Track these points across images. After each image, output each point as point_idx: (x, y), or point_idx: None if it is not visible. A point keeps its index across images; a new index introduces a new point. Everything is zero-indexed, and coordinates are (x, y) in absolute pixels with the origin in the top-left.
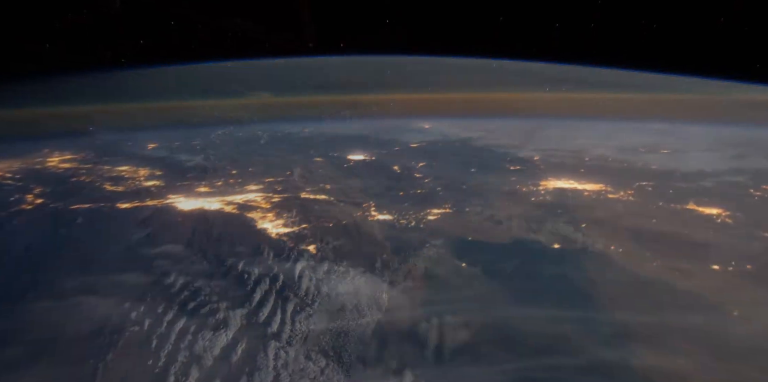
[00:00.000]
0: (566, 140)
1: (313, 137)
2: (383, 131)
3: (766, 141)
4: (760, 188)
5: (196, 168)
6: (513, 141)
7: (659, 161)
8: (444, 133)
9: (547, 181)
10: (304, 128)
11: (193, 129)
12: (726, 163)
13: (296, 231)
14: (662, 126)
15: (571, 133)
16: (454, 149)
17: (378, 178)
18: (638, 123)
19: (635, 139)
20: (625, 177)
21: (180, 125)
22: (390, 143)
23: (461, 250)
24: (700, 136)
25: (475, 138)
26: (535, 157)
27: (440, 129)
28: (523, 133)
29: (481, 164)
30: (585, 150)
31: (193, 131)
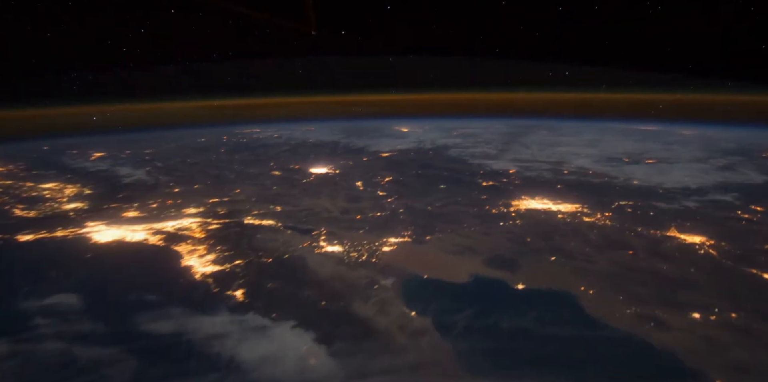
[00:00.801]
0: (547, 148)
1: (280, 144)
2: (358, 136)
3: (757, 146)
4: (748, 209)
5: (134, 185)
6: (491, 149)
7: (642, 174)
8: (420, 139)
9: (520, 201)
10: (276, 133)
11: (158, 132)
12: (713, 176)
13: (227, 270)
14: (653, 127)
15: (554, 139)
16: (427, 160)
17: (337, 197)
18: (628, 123)
19: (620, 145)
20: (604, 195)
21: (146, 128)
22: (360, 152)
23: (414, 293)
24: (690, 141)
25: (451, 146)
26: (510, 171)
27: (418, 133)
28: (504, 139)
29: (452, 179)
30: (565, 160)
31: (157, 135)
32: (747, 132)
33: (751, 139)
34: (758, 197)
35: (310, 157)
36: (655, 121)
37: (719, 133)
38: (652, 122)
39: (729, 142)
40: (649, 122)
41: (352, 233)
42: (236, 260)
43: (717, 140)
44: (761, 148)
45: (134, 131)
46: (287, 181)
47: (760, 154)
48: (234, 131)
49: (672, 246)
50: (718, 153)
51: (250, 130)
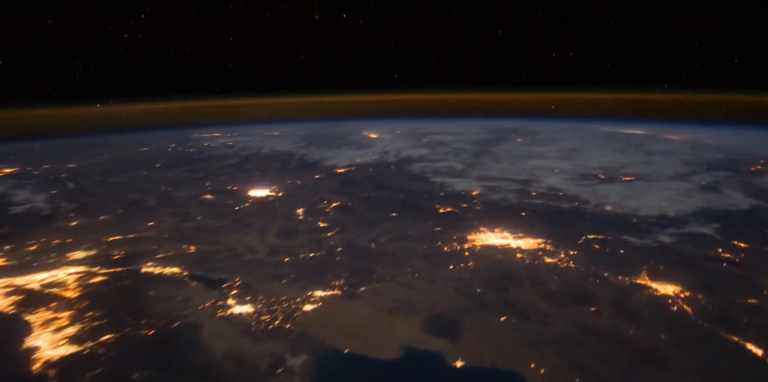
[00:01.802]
0: (519, 161)
1: (229, 156)
2: (319, 145)
3: (746, 156)
4: (730, 247)
5: (21, 217)
6: (458, 163)
7: (616, 197)
8: (385, 150)
9: (477, 235)
10: (233, 140)
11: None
12: (694, 199)
13: (84, 353)
14: (639, 130)
15: (528, 149)
16: (385, 178)
17: (270, 230)
18: (615, 124)
19: (598, 157)
20: (571, 225)
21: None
22: (313, 167)
23: (325, 379)
24: (674, 150)
25: (416, 158)
26: (474, 192)
27: (385, 142)
28: (475, 149)
29: (407, 204)
30: (536, 178)
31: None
32: (738, 135)
33: (742, 147)
34: (741, 228)
35: (254, 175)
36: (644, 120)
37: (708, 138)
38: (641, 123)
39: (717, 151)
40: (638, 123)
41: (273, 283)
42: (104, 335)
43: (704, 148)
44: (750, 158)
45: (81, 136)
46: (216, 209)
47: (748, 167)
48: (191, 136)
49: (642, 299)
50: (703, 166)
51: (209, 134)
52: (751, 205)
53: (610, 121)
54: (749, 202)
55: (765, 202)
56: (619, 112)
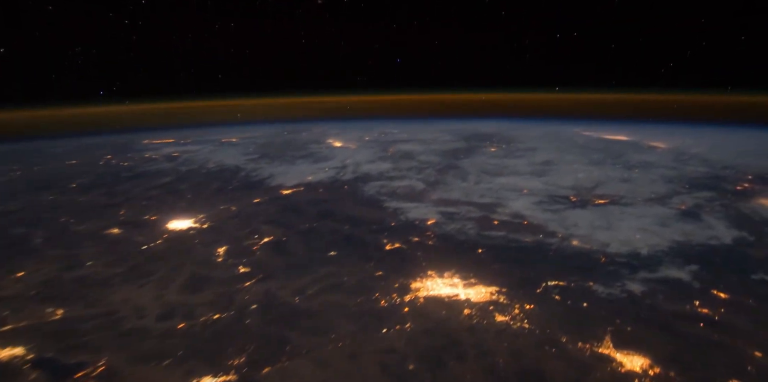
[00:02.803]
0: (487, 178)
1: (166, 172)
2: (273, 157)
3: (733, 170)
4: (708, 299)
5: None
6: (419, 182)
7: (586, 227)
8: (343, 163)
9: (423, 282)
10: (177, 151)
11: (65, 141)
12: (671, 230)
13: None
14: (622, 136)
15: (499, 162)
16: (333, 203)
17: (172, 281)
18: (600, 128)
19: (573, 172)
20: (532, 267)
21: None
22: (257, 187)
23: None
24: (656, 163)
25: (376, 175)
26: (429, 221)
27: (347, 153)
28: (441, 163)
29: (350, 239)
30: (501, 201)
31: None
32: (729, 140)
33: (729, 157)
34: (722, 272)
35: (184, 199)
36: (633, 121)
37: (695, 145)
38: (629, 124)
39: (702, 163)
40: (626, 124)
41: (149, 368)
42: None
43: (689, 159)
44: (736, 173)
45: (9, 143)
46: (118, 250)
47: (733, 186)
48: (140, 143)
49: (603, 377)
50: (685, 184)
51: (162, 140)
52: (733, 238)
53: (596, 123)
54: (732, 234)
55: (749, 233)
56: (608, 113)
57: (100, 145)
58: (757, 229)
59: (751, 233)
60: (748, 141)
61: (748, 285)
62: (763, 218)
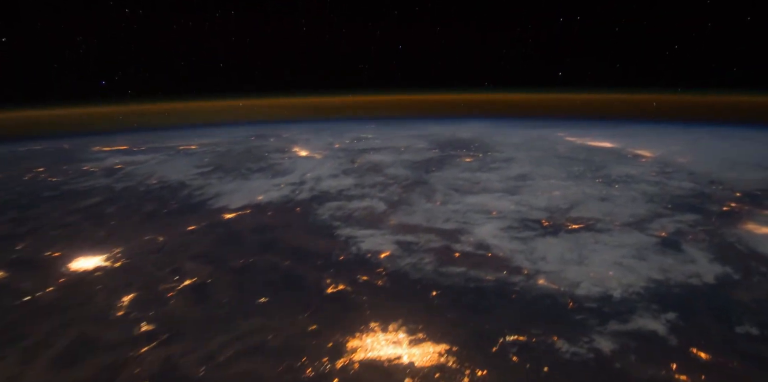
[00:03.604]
0: (456, 197)
1: (92, 191)
2: (225, 170)
3: (719, 185)
4: (687, 361)
5: None
6: (380, 202)
7: (555, 261)
8: (302, 179)
9: (363, 339)
10: (122, 162)
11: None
12: (648, 266)
13: None
14: (607, 143)
15: (471, 177)
16: (279, 230)
17: (45, 350)
18: (584, 133)
19: (549, 189)
20: (490, 315)
21: None
22: (194, 212)
23: None
24: (639, 177)
25: (334, 194)
26: (382, 254)
27: (311, 164)
28: (409, 177)
29: (289, 279)
30: (466, 227)
31: None
32: (718, 146)
33: (717, 168)
34: (703, 323)
35: (106, 226)
36: (624, 121)
37: (683, 152)
38: (619, 126)
39: (687, 176)
40: (615, 126)
41: None
42: None
43: (674, 172)
44: (723, 190)
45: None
46: None
47: (719, 206)
48: (87, 149)
49: None
50: (667, 203)
51: (114, 147)
52: (716, 276)
53: (587, 123)
54: (715, 271)
55: (734, 270)
56: (604, 113)
57: (38, 154)
58: (742, 263)
59: (736, 270)
60: (740, 146)
61: (733, 341)
62: (749, 248)
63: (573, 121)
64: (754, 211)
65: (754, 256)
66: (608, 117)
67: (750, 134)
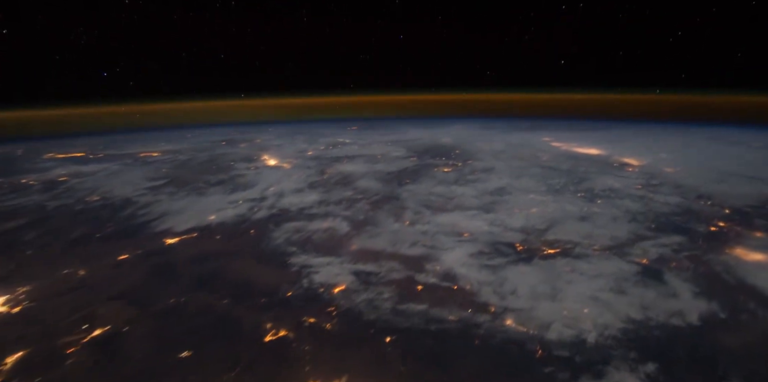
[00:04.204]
0: (427, 216)
1: (18, 210)
2: (181, 182)
3: (707, 199)
4: None
5: None
6: (344, 222)
7: (526, 296)
8: (263, 194)
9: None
10: (64, 175)
11: None
12: (628, 302)
13: None
14: (596, 150)
15: (447, 191)
16: (225, 259)
17: None
18: (570, 137)
19: (527, 206)
20: (452, 367)
21: None
22: (132, 236)
23: None
24: (624, 191)
25: (295, 212)
26: (336, 288)
27: (275, 176)
28: (381, 192)
29: (222, 323)
30: (434, 252)
31: None
32: (708, 154)
33: (706, 181)
34: (684, 378)
35: (20, 258)
36: (608, 126)
37: (670, 162)
38: (603, 130)
39: (674, 190)
40: (604, 129)
41: None
42: None
43: (661, 185)
44: (712, 206)
45: None
46: None
47: (706, 226)
48: (40, 156)
49: None
50: (651, 224)
51: (70, 153)
52: (701, 315)
53: (575, 126)
54: (700, 308)
55: (720, 307)
56: (585, 113)
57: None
58: (729, 299)
59: (722, 306)
60: (733, 152)
61: None
62: (736, 279)
63: (565, 121)
64: (742, 232)
65: (743, 289)
66: (601, 117)
67: (744, 137)
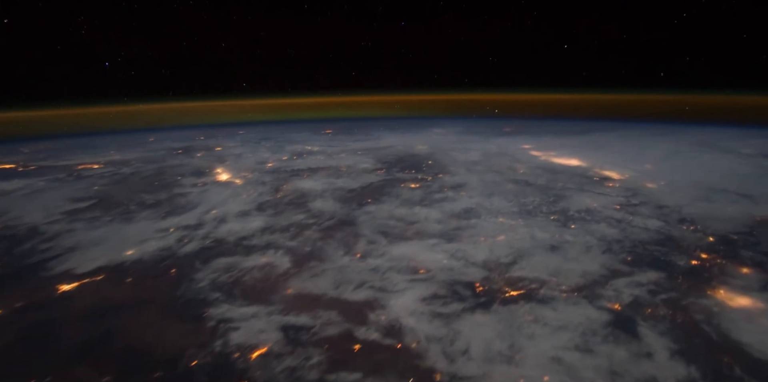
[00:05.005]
0: (381, 246)
1: None
2: (110, 204)
3: (692, 223)
4: None
5: None
6: (286, 255)
7: (479, 358)
8: (201, 219)
9: None
10: None
11: None
12: (595, 364)
13: None
14: (574, 160)
15: (409, 213)
16: (127, 315)
17: None
18: (551, 144)
19: (494, 232)
20: None
21: None
22: (21, 281)
23: None
24: (601, 213)
25: (231, 243)
26: (258, 351)
27: (219, 198)
28: (337, 213)
29: None
30: (381, 297)
31: None
32: (699, 159)
33: (692, 196)
34: None
35: None
36: (595, 128)
37: (654, 175)
38: (589, 134)
39: (655, 212)
40: (586, 135)
41: None
42: None
43: (642, 204)
44: (695, 232)
45: None
46: None
47: (687, 259)
48: None
49: None
50: (626, 255)
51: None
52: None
53: (560, 129)
54: (676, 373)
55: (700, 372)
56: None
57: None
58: (710, 360)
59: (702, 371)
60: (721, 161)
61: None
62: (719, 333)
63: (552, 122)
64: (727, 268)
65: (725, 346)
66: (591, 117)
67: (734, 141)
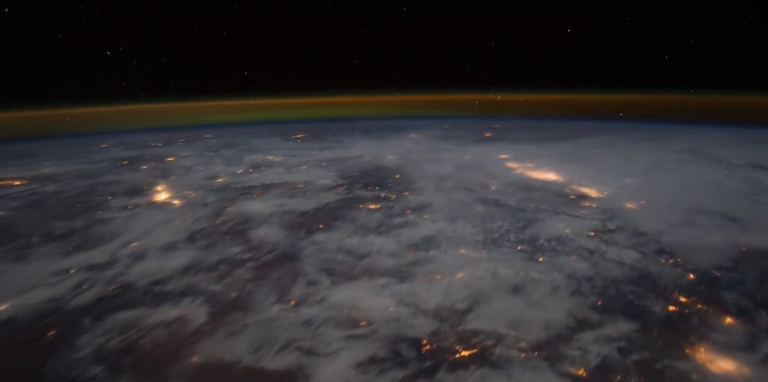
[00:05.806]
0: (321, 290)
1: None
2: (15, 235)
3: (672, 253)
4: None
5: None
6: (201, 311)
7: None
8: (112, 257)
9: None
10: None
11: None
12: None
13: None
14: (552, 175)
15: (361, 244)
16: None
17: None
18: (525, 160)
19: (454, 268)
20: None
21: None
22: None
23: None
24: (573, 242)
25: (141, 292)
26: None
27: (146, 225)
28: (279, 245)
29: None
30: (308, 363)
31: None
32: (681, 175)
33: (675, 217)
34: None
35: None
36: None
37: (636, 194)
38: (575, 139)
39: (631, 240)
40: (571, 141)
41: None
42: None
43: (616, 233)
44: (675, 267)
45: None
46: None
47: (666, 301)
48: None
49: None
50: (597, 299)
51: None
52: None
53: (543, 134)
54: None
55: None
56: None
57: None
58: None
59: None
60: (708, 174)
61: None
62: None
63: (538, 123)
64: (707, 317)
65: None
66: (580, 117)
67: (725, 149)
